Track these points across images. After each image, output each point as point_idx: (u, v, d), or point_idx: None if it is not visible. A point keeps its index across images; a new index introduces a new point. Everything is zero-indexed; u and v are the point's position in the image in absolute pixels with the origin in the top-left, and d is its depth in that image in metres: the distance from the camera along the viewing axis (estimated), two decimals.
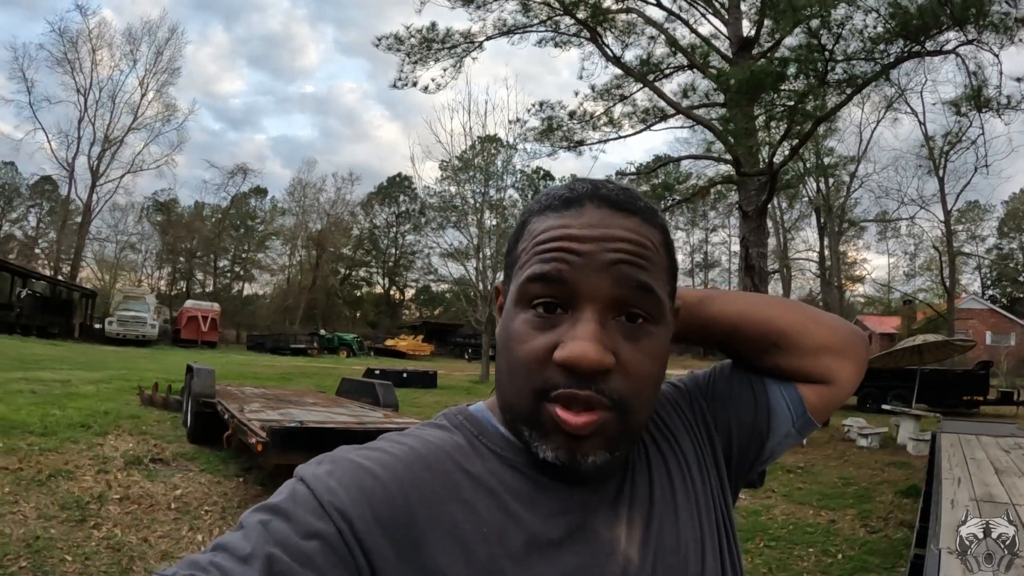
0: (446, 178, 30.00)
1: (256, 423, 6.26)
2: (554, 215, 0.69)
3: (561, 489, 0.68)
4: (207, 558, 0.57)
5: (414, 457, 0.66)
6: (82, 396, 10.64)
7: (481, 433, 0.72)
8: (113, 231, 49.12)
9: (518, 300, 0.68)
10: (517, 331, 0.67)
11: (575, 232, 0.67)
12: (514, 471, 0.69)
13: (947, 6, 9.64)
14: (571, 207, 0.69)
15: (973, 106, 11.96)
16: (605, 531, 0.68)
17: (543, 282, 0.66)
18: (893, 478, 8.67)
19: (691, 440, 0.81)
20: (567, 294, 0.65)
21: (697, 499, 0.76)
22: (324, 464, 0.65)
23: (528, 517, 0.66)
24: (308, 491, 0.61)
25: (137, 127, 45.30)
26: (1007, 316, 42.45)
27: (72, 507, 5.53)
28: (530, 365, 0.65)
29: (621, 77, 17.41)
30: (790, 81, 11.81)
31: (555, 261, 0.65)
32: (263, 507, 0.62)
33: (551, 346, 0.64)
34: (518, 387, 0.66)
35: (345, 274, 59.64)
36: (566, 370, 0.63)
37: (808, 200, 41.58)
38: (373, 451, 0.67)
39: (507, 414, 0.70)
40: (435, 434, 0.71)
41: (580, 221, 0.67)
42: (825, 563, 5.29)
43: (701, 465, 0.79)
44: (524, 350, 0.65)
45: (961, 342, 16.08)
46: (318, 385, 15.41)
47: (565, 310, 0.66)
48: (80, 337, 32.78)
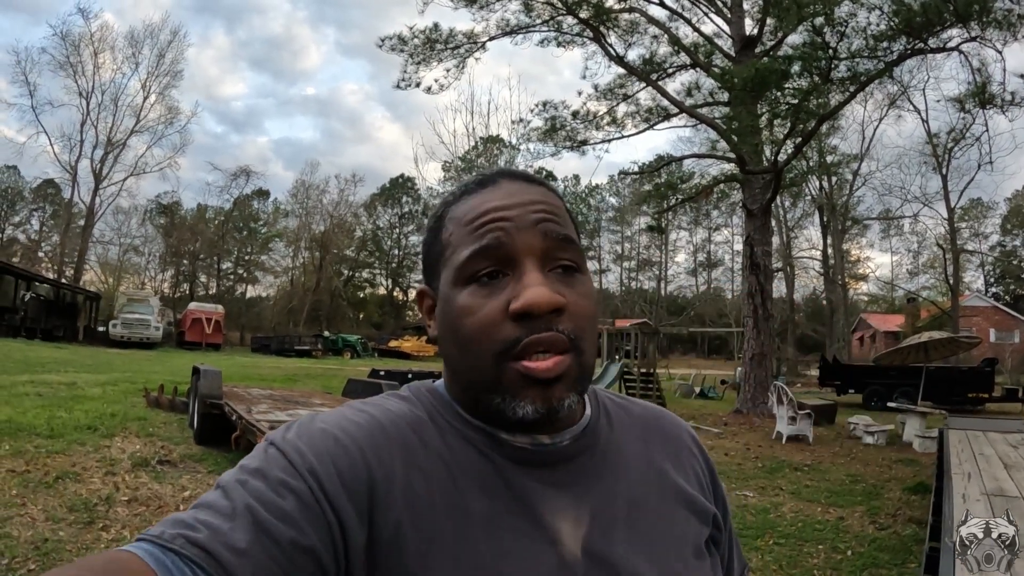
0: (449, 179, 30.03)
1: (265, 424, 6.27)
2: (473, 196, 0.74)
3: (514, 470, 0.70)
4: (192, 515, 0.60)
5: (373, 424, 0.69)
6: (88, 398, 10.65)
7: (442, 407, 0.74)
8: (116, 234, 49.36)
9: (456, 281, 0.71)
10: (464, 305, 0.69)
11: (499, 203, 0.71)
12: (468, 445, 0.71)
13: (950, 3, 9.62)
14: (486, 185, 0.74)
15: (977, 103, 11.93)
16: (546, 517, 0.69)
17: (484, 255, 0.69)
18: (900, 475, 8.65)
19: (681, 470, 0.82)
20: (506, 258, 0.69)
21: (668, 522, 0.76)
22: (292, 429, 0.68)
23: (474, 492, 0.68)
24: (279, 453, 0.65)
25: (140, 130, 45.35)
26: (1011, 314, 42.38)
27: (80, 509, 5.53)
28: (486, 330, 0.68)
29: (624, 76, 17.44)
30: (794, 79, 11.81)
31: (490, 232, 0.69)
32: (239, 468, 0.65)
33: (503, 306, 0.68)
34: (476, 358, 0.69)
35: (348, 275, 59.71)
36: (524, 320, 0.66)
37: (811, 198, 41.62)
38: (337, 417, 0.70)
39: (468, 393, 0.72)
40: (397, 405, 0.74)
41: (499, 193, 0.73)
42: (835, 560, 5.27)
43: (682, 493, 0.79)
44: (477, 318, 0.68)
45: (966, 339, 16.08)
46: (324, 386, 15.42)
47: (506, 275, 0.69)
48: (84, 340, 32.82)
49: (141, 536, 0.59)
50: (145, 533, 0.59)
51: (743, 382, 15.58)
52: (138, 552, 0.56)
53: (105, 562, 0.55)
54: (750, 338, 15.28)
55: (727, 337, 31.76)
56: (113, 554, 0.56)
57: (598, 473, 0.75)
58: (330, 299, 54.74)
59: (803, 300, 52.56)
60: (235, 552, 0.57)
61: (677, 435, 0.86)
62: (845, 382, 19.99)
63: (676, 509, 0.78)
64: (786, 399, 11.49)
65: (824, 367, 21.18)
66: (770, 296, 16.30)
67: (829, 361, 21.93)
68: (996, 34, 10.38)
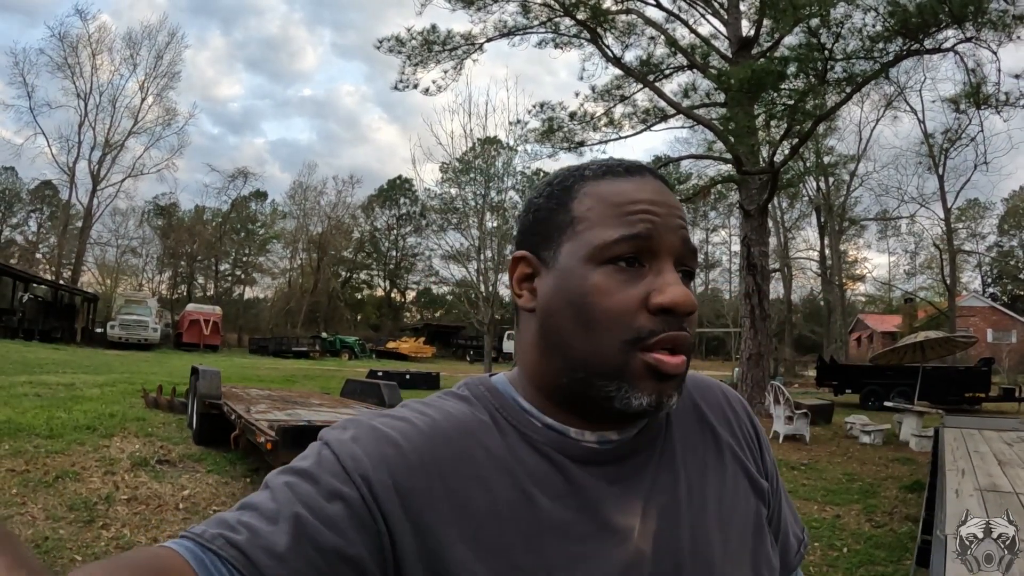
0: (447, 180, 30.04)
1: (264, 423, 6.29)
2: (622, 181, 0.72)
3: (579, 471, 0.69)
4: (235, 516, 0.60)
5: (435, 430, 0.68)
6: (87, 399, 10.65)
7: (502, 407, 0.73)
8: (114, 235, 49.11)
9: (591, 258, 0.69)
10: (599, 285, 0.68)
11: (651, 196, 0.71)
12: (532, 449, 0.69)
13: (946, 4, 9.66)
14: (634, 175, 0.73)
15: (972, 103, 11.98)
16: (619, 519, 0.68)
17: (633, 241, 0.68)
18: (897, 474, 8.69)
19: (737, 445, 0.81)
20: (650, 251, 0.69)
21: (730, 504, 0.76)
22: (349, 430, 0.67)
23: (542, 498, 0.66)
24: (333, 456, 0.63)
25: (138, 131, 45.24)
26: (1008, 314, 42.42)
27: (80, 508, 5.56)
28: (621, 315, 0.67)
29: (621, 78, 17.47)
30: (791, 80, 11.85)
31: (642, 222, 0.69)
32: (289, 469, 0.64)
33: (643, 296, 0.67)
34: (603, 340, 0.67)
35: (346, 277, 59.64)
36: (661, 316, 0.67)
37: (808, 199, 41.66)
38: (396, 420, 0.68)
39: (575, 373, 0.69)
40: (457, 407, 0.72)
41: (649, 187, 0.72)
42: (831, 557, 5.31)
43: (740, 471, 0.79)
44: (612, 301, 0.67)
45: (963, 338, 16.11)
46: (322, 387, 15.43)
47: (643, 265, 0.69)
48: (82, 341, 32.81)
49: (184, 533, 0.59)
50: (188, 531, 0.60)
51: (740, 382, 15.61)
52: (179, 549, 0.57)
53: (148, 556, 0.56)
54: (747, 338, 15.31)
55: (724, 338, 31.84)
56: (157, 549, 0.57)
57: (661, 464, 0.74)
58: (328, 300, 54.66)
59: (800, 301, 52.63)
60: (273, 556, 0.57)
61: (723, 402, 0.85)
62: (842, 382, 20.01)
63: (737, 488, 0.78)
64: (783, 399, 11.52)
65: (821, 367, 21.21)
66: (767, 297, 16.33)
67: (826, 361, 21.97)
68: (991, 35, 10.45)
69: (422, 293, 64.15)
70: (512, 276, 0.76)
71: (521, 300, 0.75)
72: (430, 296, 63.63)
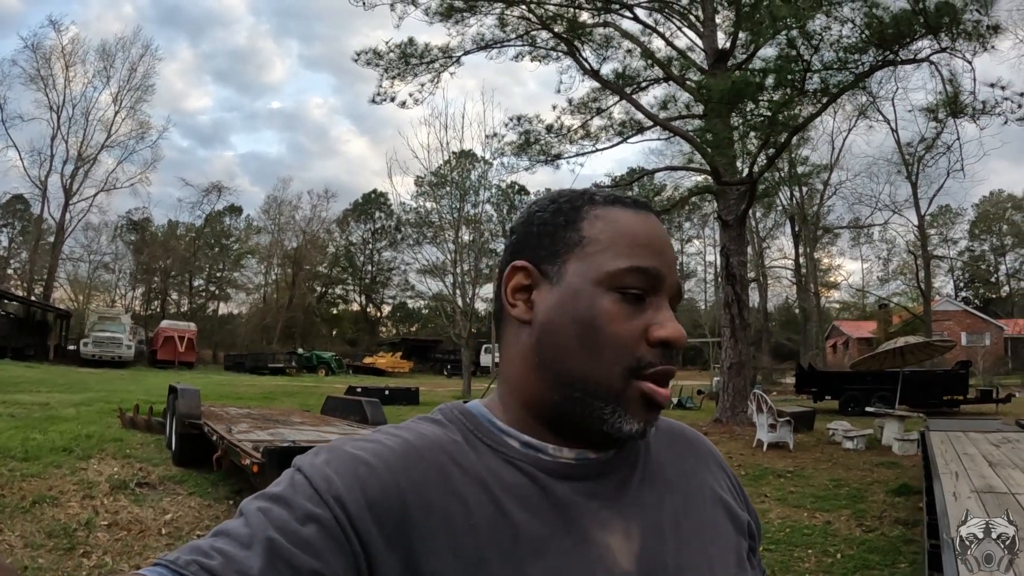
0: (422, 193, 29.97)
1: (248, 444, 6.17)
2: (631, 212, 0.75)
3: (556, 485, 0.69)
4: (209, 543, 0.60)
5: (408, 448, 0.68)
6: (63, 419, 10.43)
7: (476, 428, 0.73)
8: (86, 250, 48.31)
9: (601, 282, 0.70)
10: (606, 311, 0.69)
11: (659, 234, 0.74)
12: (508, 465, 0.70)
13: (921, 15, 9.84)
14: (640, 210, 0.75)
15: (949, 112, 12.19)
16: (597, 534, 0.68)
17: (644, 275, 0.71)
18: (883, 478, 8.75)
19: (715, 480, 0.83)
20: (653, 287, 0.71)
21: (711, 533, 0.76)
22: (321, 454, 0.67)
23: (518, 512, 0.66)
24: (305, 480, 0.64)
25: (111, 144, 44.68)
26: (981, 317, 43.19)
27: (59, 535, 5.41)
28: (626, 343, 0.69)
29: (598, 90, 17.56)
30: (769, 91, 11.97)
31: (653, 258, 0.72)
32: (262, 495, 0.65)
33: (644, 328, 0.70)
34: (604, 364, 0.69)
35: (322, 292, 59.30)
36: (658, 349, 0.70)
37: (783, 208, 42.16)
38: (369, 442, 0.69)
39: (569, 391, 0.70)
40: (430, 428, 0.73)
41: (655, 226, 0.75)
42: (826, 563, 5.31)
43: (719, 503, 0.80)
44: (618, 329, 0.69)
45: (941, 343, 16.35)
46: (301, 404, 15.24)
47: (645, 299, 0.71)
48: (56, 359, 32.21)
49: (157, 560, 0.59)
50: (161, 558, 0.59)
51: (722, 391, 15.65)
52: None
53: None
54: (728, 348, 15.37)
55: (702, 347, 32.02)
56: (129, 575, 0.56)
57: (642, 485, 0.75)
58: (304, 316, 54.28)
59: (776, 309, 53.14)
60: None
61: (704, 448, 0.87)
62: (821, 389, 20.20)
63: (718, 518, 0.79)
64: (766, 407, 11.56)
65: (800, 374, 21.40)
66: (747, 306, 16.44)
67: (805, 368, 22.16)
68: (966, 45, 10.64)
69: (398, 307, 63.97)
70: (506, 285, 0.76)
71: (515, 311, 0.74)
72: (406, 310, 63.46)
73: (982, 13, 10.25)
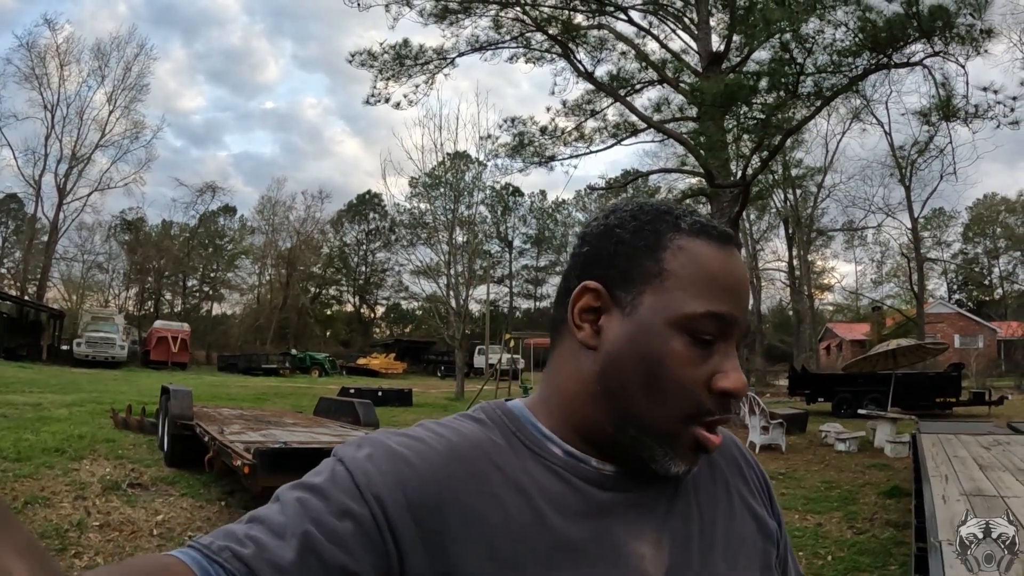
0: (416, 195, 29.96)
1: (240, 445, 6.15)
2: (715, 248, 0.71)
3: (594, 493, 0.69)
4: (243, 530, 0.60)
5: (450, 449, 0.68)
6: (55, 420, 10.39)
7: (518, 430, 0.72)
8: (80, 250, 48.03)
9: (677, 323, 0.68)
10: (676, 352, 0.68)
11: (740, 276, 0.72)
12: (547, 470, 0.69)
13: (914, 19, 9.89)
14: (725, 245, 0.72)
15: (941, 116, 12.25)
16: (631, 543, 0.68)
17: (719, 321, 0.69)
18: (874, 480, 8.78)
19: (747, 488, 0.83)
20: (725, 332, 0.70)
21: (738, 542, 0.76)
22: (364, 448, 0.67)
23: (555, 517, 0.66)
24: (347, 473, 0.63)
25: (105, 144, 44.46)
26: (974, 319, 43.35)
27: (51, 535, 5.39)
28: (689, 389, 0.68)
29: (592, 92, 17.61)
30: (762, 94, 12.01)
31: (731, 303, 0.70)
32: (301, 484, 0.64)
33: (710, 374, 0.68)
34: (665, 408, 0.68)
35: (316, 293, 59.18)
36: (723, 398, 0.69)
37: (776, 211, 42.23)
38: (411, 439, 0.68)
39: (625, 427, 0.70)
40: (472, 428, 0.72)
41: (739, 265, 0.73)
42: (817, 565, 5.33)
43: (747, 512, 0.80)
44: (685, 374, 0.68)
45: (933, 345, 16.39)
46: (294, 405, 15.22)
47: (714, 343, 0.70)
48: (49, 359, 32.04)
49: (191, 543, 0.59)
50: (195, 541, 0.60)
51: None
52: (186, 559, 0.57)
53: (155, 564, 0.57)
54: None
55: None
56: (163, 558, 0.58)
57: (675, 494, 0.75)
58: (297, 317, 54.18)
59: (770, 311, 53.26)
60: (278, 571, 0.57)
61: (733, 449, 0.86)
62: (814, 391, 20.24)
63: (747, 526, 0.78)
64: (758, 409, 11.58)
65: (793, 376, 21.43)
66: None
67: (798, 370, 22.20)
68: (959, 49, 10.70)
69: (392, 308, 63.92)
70: (574, 303, 0.73)
71: (582, 334, 0.72)
72: (400, 312, 63.40)
73: (975, 17, 10.32)
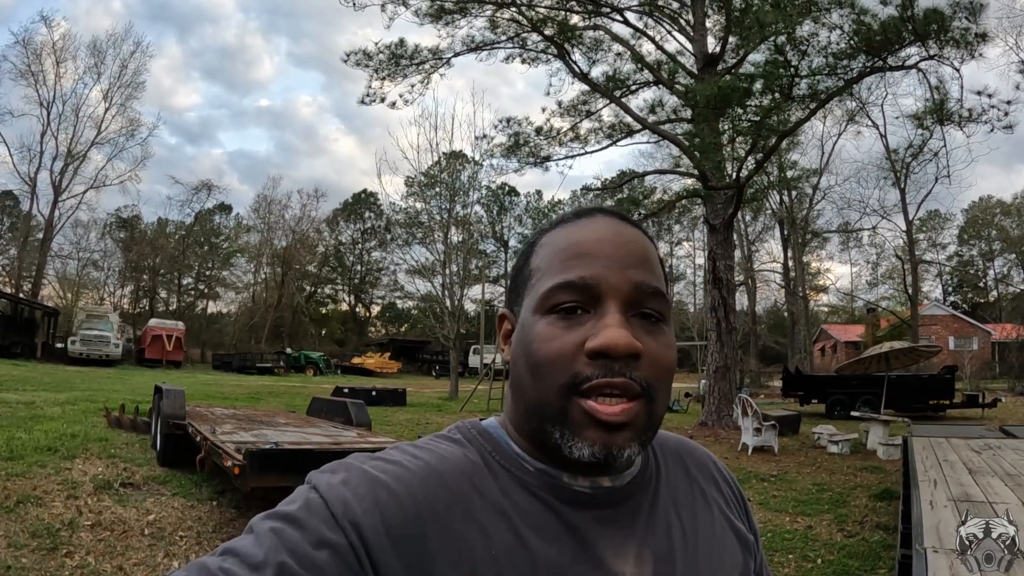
0: (412, 194, 29.94)
1: (231, 445, 6.14)
2: (568, 226, 0.74)
3: (572, 514, 0.69)
4: (217, 563, 0.58)
5: (429, 472, 0.66)
6: (48, 418, 10.37)
7: (495, 450, 0.72)
8: (75, 248, 48.00)
9: (537, 308, 0.70)
10: (540, 332, 0.68)
11: (593, 237, 0.71)
12: (526, 491, 0.69)
13: (909, 22, 9.91)
14: (582, 218, 0.74)
15: (936, 119, 12.28)
16: (613, 563, 0.67)
17: (569, 288, 0.68)
18: (866, 483, 8.80)
19: (724, 501, 0.83)
20: (590, 296, 0.68)
21: (719, 555, 0.77)
22: (339, 473, 0.65)
23: (536, 540, 0.65)
24: (322, 501, 0.62)
25: (100, 141, 44.40)
26: (969, 321, 43.49)
27: (43, 534, 5.37)
28: (558, 361, 0.66)
29: (588, 93, 17.60)
30: (756, 96, 12.03)
31: (578, 267, 0.69)
32: (275, 514, 0.62)
33: (580, 341, 0.66)
34: (545, 386, 0.67)
35: (311, 292, 59.11)
36: (599, 360, 0.65)
37: (772, 212, 42.31)
38: (388, 463, 0.67)
39: (532, 420, 0.70)
40: (450, 449, 0.71)
41: (595, 228, 0.72)
42: (806, 568, 5.34)
43: (727, 525, 0.81)
44: (551, 347, 0.67)
45: (927, 348, 16.43)
46: (288, 404, 15.20)
47: (587, 311, 0.68)
48: (43, 357, 31.97)
49: None
50: (168, 574, 0.59)
51: (707, 395, 15.71)
52: None
53: None
54: (714, 351, 15.42)
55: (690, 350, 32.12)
56: None
57: (655, 509, 0.74)
58: (292, 315, 54.13)
59: (765, 312, 53.35)
60: None
61: (710, 464, 0.87)
62: (808, 392, 20.29)
63: (727, 540, 0.79)
64: (751, 411, 11.61)
65: (787, 378, 21.48)
66: (733, 310, 16.50)
67: (792, 372, 22.25)
68: (954, 52, 10.71)
69: (387, 308, 63.87)
70: (498, 334, 0.79)
71: (503, 354, 0.77)
72: (395, 311, 63.38)
73: (970, 21, 10.33)
